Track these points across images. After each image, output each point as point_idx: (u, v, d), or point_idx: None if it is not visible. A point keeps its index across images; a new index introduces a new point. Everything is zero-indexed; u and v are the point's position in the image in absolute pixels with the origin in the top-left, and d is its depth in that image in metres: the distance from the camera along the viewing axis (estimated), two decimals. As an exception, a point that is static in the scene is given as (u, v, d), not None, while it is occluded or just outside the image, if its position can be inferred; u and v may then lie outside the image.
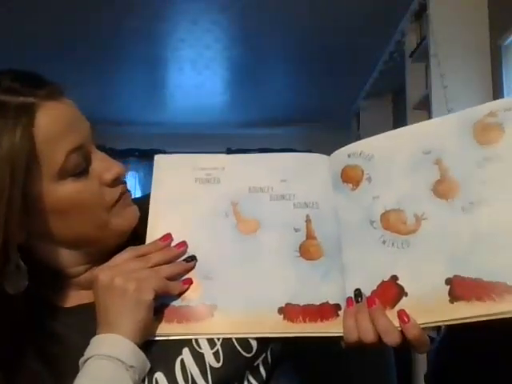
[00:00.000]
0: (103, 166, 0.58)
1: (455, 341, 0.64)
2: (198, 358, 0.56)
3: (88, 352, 0.52)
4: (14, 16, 2.63)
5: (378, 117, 3.75)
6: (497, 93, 2.18)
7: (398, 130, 0.63)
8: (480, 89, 2.22)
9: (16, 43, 2.87)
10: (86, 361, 0.52)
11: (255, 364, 0.59)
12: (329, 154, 0.65)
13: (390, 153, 0.61)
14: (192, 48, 3.12)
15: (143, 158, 4.52)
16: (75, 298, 0.61)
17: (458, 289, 0.52)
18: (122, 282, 0.53)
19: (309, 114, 4.35)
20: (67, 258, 0.60)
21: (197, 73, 3.51)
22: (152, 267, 0.56)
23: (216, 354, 0.56)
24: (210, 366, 0.56)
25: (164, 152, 4.75)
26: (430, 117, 2.36)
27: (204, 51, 3.17)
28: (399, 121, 3.54)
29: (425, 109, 2.50)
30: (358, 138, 3.90)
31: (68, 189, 0.55)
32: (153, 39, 3.00)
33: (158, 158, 0.66)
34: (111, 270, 0.54)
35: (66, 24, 2.74)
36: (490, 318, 0.50)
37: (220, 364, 0.56)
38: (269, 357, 0.62)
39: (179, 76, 3.60)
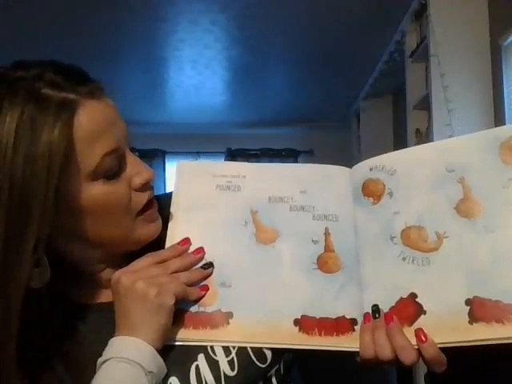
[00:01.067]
0: (134, 169, 0.58)
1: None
2: (213, 365, 0.56)
3: (107, 353, 0.52)
4: (14, 16, 2.63)
5: (378, 117, 3.75)
6: (497, 93, 2.18)
7: (422, 145, 0.63)
8: (480, 89, 2.22)
9: (16, 43, 2.86)
10: (104, 362, 0.51)
11: (268, 375, 0.59)
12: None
13: (413, 169, 0.60)
14: (192, 48, 3.12)
15: (143, 158, 4.51)
16: (95, 296, 0.62)
17: (478, 310, 0.52)
18: (144, 286, 0.53)
19: (309, 114, 4.36)
20: (87, 255, 0.60)
21: (197, 73, 3.51)
22: (171, 273, 0.56)
23: (231, 363, 0.56)
24: (225, 373, 0.56)
25: (164, 152, 4.75)
26: (429, 117, 2.36)
27: (204, 51, 3.17)
28: (399, 121, 3.54)
29: (425, 109, 2.51)
30: (358, 138, 3.91)
31: (99, 190, 0.55)
32: (153, 39, 3.00)
33: (180, 164, 0.67)
34: (133, 274, 0.54)
35: (66, 24, 2.74)
36: (510, 341, 0.50)
37: (234, 373, 0.56)
38: (281, 368, 0.61)
39: (179, 76, 3.60)
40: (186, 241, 0.60)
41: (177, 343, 0.56)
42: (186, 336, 0.56)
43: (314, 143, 4.64)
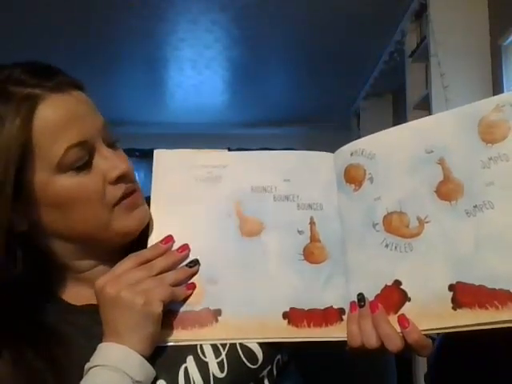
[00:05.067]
0: (109, 163, 0.57)
1: (455, 340, 0.64)
2: (202, 366, 0.55)
3: (95, 359, 0.51)
4: (14, 16, 2.63)
5: (378, 117, 3.74)
6: (497, 93, 2.18)
7: (400, 126, 0.60)
8: (480, 89, 2.21)
9: (16, 43, 2.86)
10: (92, 368, 0.51)
11: (260, 376, 0.58)
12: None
13: (392, 151, 0.58)
14: (192, 48, 3.12)
15: (143, 157, 4.51)
16: (84, 297, 0.61)
17: (461, 296, 0.51)
18: (130, 295, 0.52)
19: (309, 114, 4.35)
20: (68, 250, 0.59)
21: (197, 73, 3.51)
22: (156, 275, 0.55)
23: (220, 364, 0.56)
24: (214, 375, 0.55)
25: (164, 152, 4.73)
26: (430, 117, 2.35)
27: (204, 51, 3.17)
28: (399, 121, 3.54)
29: (425, 109, 2.50)
30: (358, 138, 3.88)
31: (66, 182, 0.54)
32: (153, 39, 3.00)
33: (157, 153, 0.63)
34: (117, 283, 0.53)
35: (66, 24, 2.74)
36: (493, 326, 0.49)
37: (224, 374, 0.55)
38: (274, 369, 0.60)
39: (179, 76, 3.60)
40: (169, 238, 0.58)
41: (166, 345, 0.55)
42: (175, 337, 0.55)
43: (314, 143, 4.62)
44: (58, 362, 0.55)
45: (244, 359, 0.57)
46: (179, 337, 0.55)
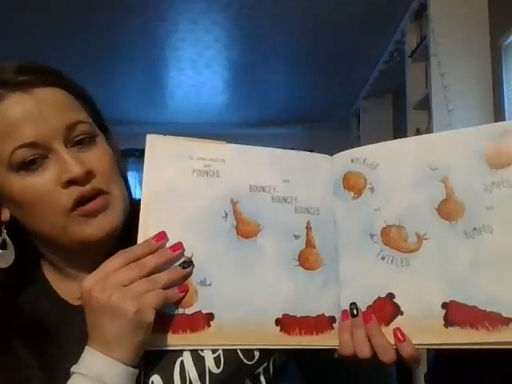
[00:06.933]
0: (63, 166, 0.54)
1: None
2: (198, 361, 0.54)
3: (79, 366, 0.49)
4: (14, 16, 2.63)
5: (378, 117, 3.75)
6: (497, 93, 2.18)
7: (406, 139, 0.60)
8: (480, 89, 2.22)
9: (16, 43, 2.86)
10: (75, 373, 0.49)
11: (256, 372, 0.58)
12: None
13: (396, 164, 0.58)
14: (192, 48, 3.12)
15: (143, 158, 4.51)
16: (78, 294, 0.60)
17: (454, 314, 0.52)
18: (121, 301, 0.48)
19: (309, 114, 4.36)
20: (44, 247, 0.61)
21: (197, 73, 3.51)
22: (147, 274, 0.51)
23: (217, 360, 0.55)
24: (210, 370, 0.54)
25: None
26: (430, 117, 2.36)
27: (204, 51, 3.17)
28: (399, 121, 3.54)
29: (425, 109, 2.50)
30: (358, 138, 3.91)
31: (18, 182, 0.55)
32: (153, 39, 3.00)
33: (150, 138, 0.57)
34: (105, 285, 0.49)
35: (66, 24, 2.74)
36: (483, 346, 0.50)
37: (220, 370, 0.55)
38: (270, 366, 0.60)
39: (179, 76, 3.60)
40: (162, 235, 0.54)
41: (155, 349, 0.53)
42: (165, 342, 0.53)
43: (314, 143, 4.63)
44: (49, 360, 0.55)
45: (241, 355, 0.56)
46: (169, 342, 0.53)
